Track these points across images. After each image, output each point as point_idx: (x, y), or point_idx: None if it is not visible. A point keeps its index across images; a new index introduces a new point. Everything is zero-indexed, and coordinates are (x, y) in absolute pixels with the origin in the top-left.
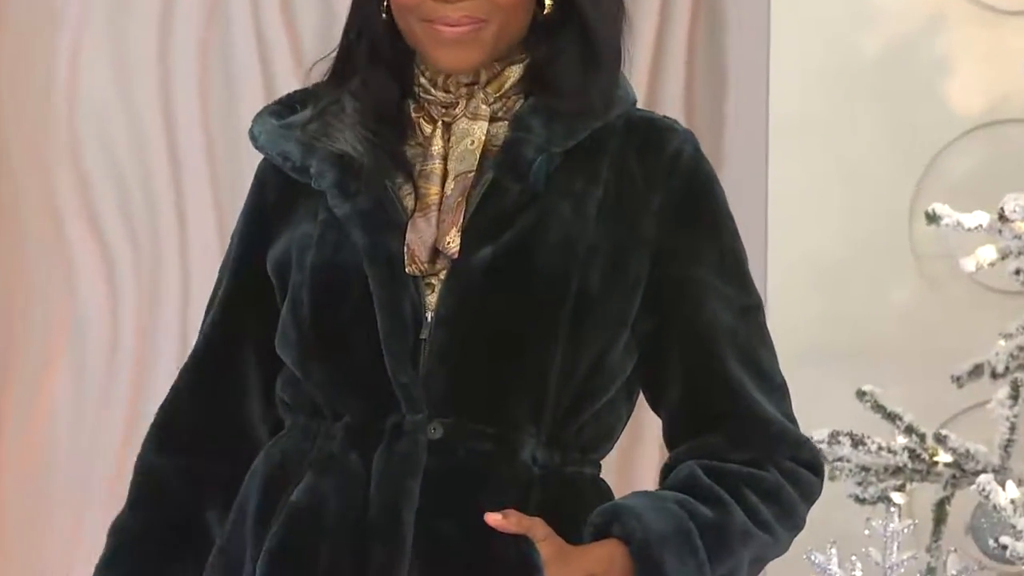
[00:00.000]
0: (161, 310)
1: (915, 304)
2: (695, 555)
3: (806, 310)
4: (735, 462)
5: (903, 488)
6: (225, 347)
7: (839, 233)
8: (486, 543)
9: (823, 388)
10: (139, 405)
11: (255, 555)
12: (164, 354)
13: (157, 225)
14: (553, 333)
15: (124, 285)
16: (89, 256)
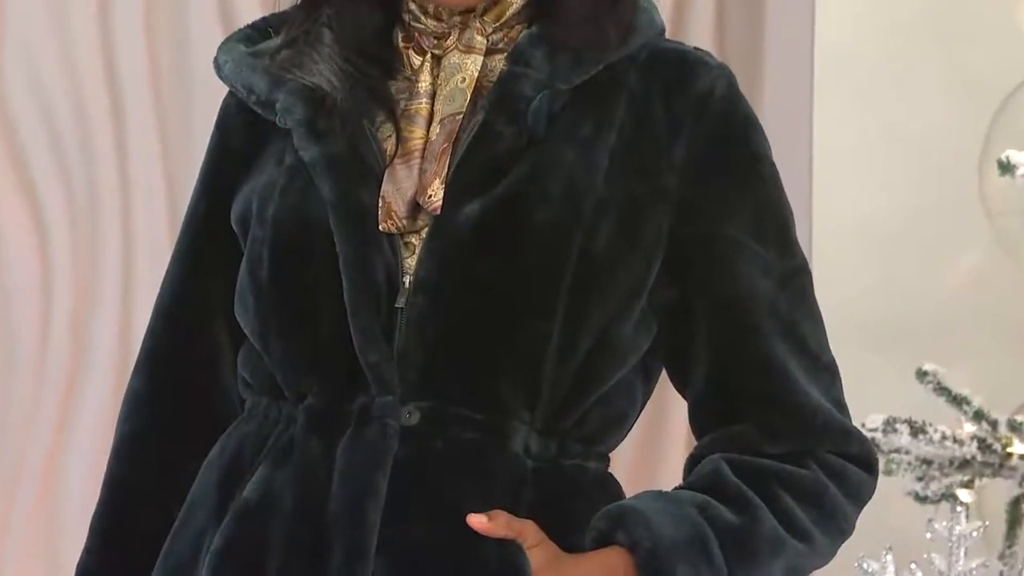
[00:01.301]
0: (100, 284)
1: (986, 269)
2: (712, 565)
3: (858, 279)
4: (769, 456)
5: (971, 484)
6: (190, 324)
7: (896, 190)
8: (466, 550)
9: (877, 368)
10: (73, 394)
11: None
12: (102, 338)
13: (96, 184)
14: (551, 303)
15: (58, 252)
16: (16, 217)
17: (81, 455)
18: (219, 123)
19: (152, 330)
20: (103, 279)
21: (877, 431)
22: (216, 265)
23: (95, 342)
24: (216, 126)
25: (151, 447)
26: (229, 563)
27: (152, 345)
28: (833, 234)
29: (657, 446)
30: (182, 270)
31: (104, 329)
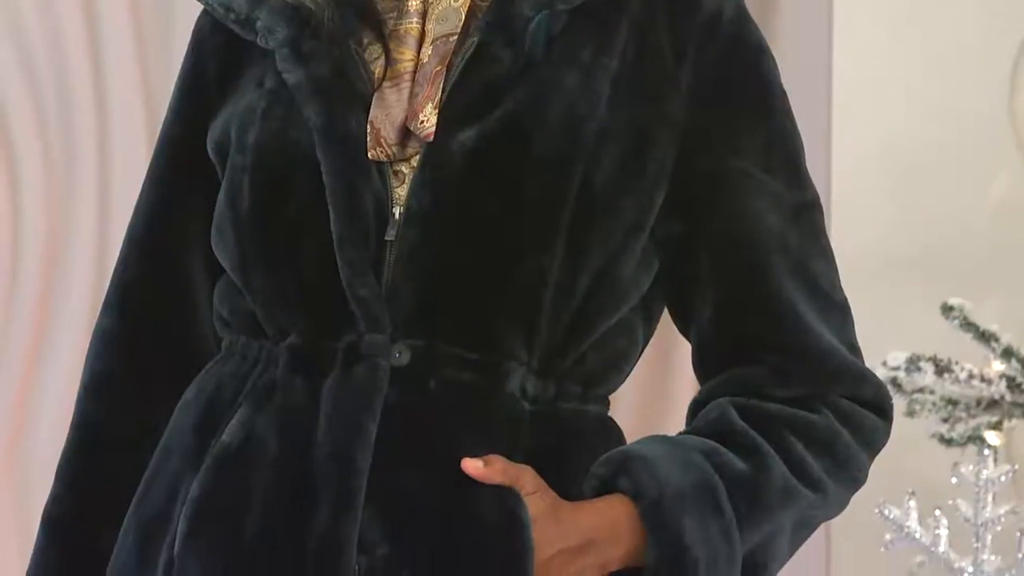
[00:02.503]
0: (75, 218)
1: (1016, 198)
2: (720, 516)
3: (879, 209)
4: (779, 401)
5: (1000, 426)
6: (163, 255)
7: (920, 115)
8: (461, 498)
9: (899, 302)
10: (45, 330)
11: (181, 509)
12: (76, 275)
13: (71, 114)
14: (550, 238)
15: (31, 188)
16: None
17: (52, 396)
18: (193, 44)
19: (124, 260)
20: (77, 210)
21: (899, 369)
22: (192, 193)
23: (67, 276)
24: (190, 48)
25: (122, 387)
26: (208, 513)
27: (124, 278)
28: (853, 161)
29: (661, 389)
30: (156, 198)
31: (78, 261)
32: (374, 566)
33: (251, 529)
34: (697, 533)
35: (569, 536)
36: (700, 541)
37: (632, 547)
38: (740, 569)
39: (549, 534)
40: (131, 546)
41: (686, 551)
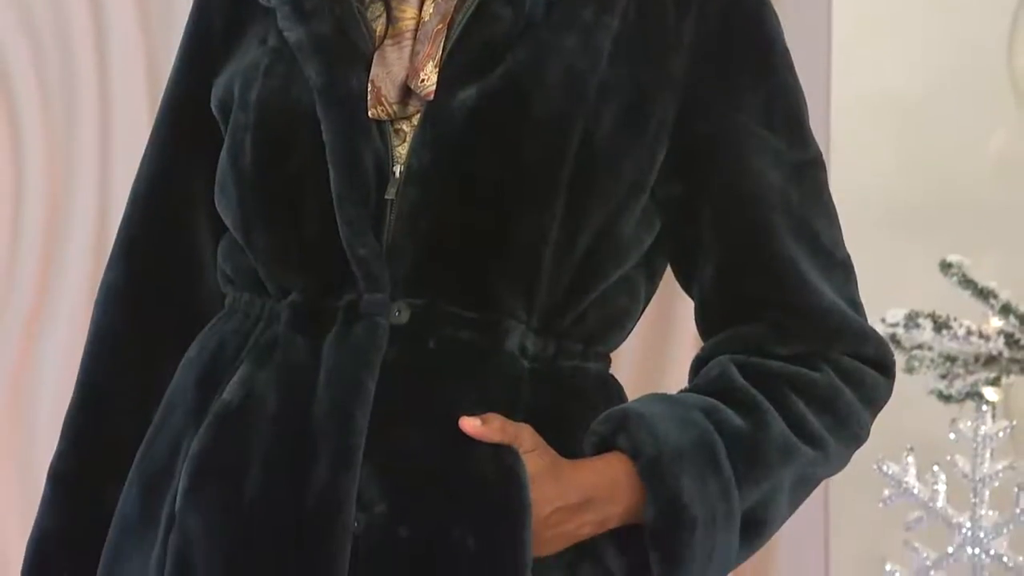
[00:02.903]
0: (77, 178)
1: (1016, 152)
2: (719, 474)
3: (878, 162)
4: (780, 358)
5: (998, 382)
6: (167, 213)
7: (919, 65)
8: (459, 456)
9: (898, 259)
10: (47, 289)
11: (183, 464)
12: (78, 227)
13: (72, 76)
14: (550, 197)
15: (31, 140)
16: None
17: (55, 350)
18: (198, 2)
19: (128, 218)
20: (79, 171)
21: (898, 326)
22: (196, 151)
23: (70, 231)
24: (195, 5)
25: (126, 344)
26: (208, 469)
27: (128, 235)
28: (851, 113)
29: (662, 346)
30: (160, 156)
31: (80, 218)
32: (372, 523)
33: (251, 486)
34: (695, 492)
35: (568, 494)
36: (698, 499)
37: (631, 505)
38: (739, 526)
39: (547, 492)
40: (134, 500)
41: (684, 509)
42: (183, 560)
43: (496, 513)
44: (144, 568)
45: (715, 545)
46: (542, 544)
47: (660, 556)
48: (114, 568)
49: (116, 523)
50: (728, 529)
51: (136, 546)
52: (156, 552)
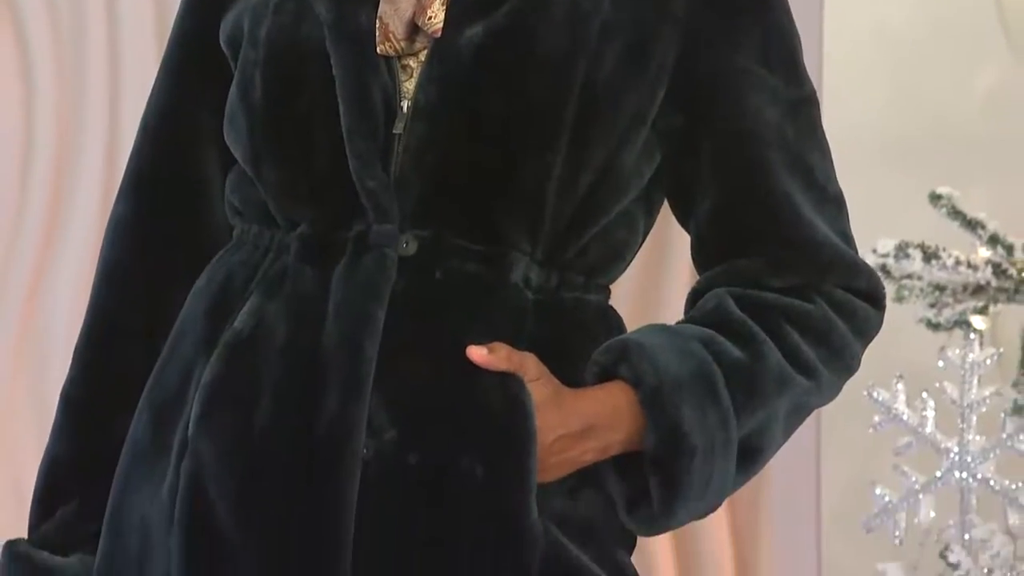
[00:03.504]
0: (86, 111)
1: (1004, 87)
2: (717, 403)
3: (870, 96)
4: (775, 291)
5: (985, 311)
6: (176, 145)
7: (911, 2)
8: (466, 384)
9: (889, 191)
10: (57, 220)
11: (195, 394)
12: (87, 161)
13: (82, 3)
14: (554, 135)
15: (41, 79)
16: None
17: (67, 279)
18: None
19: (137, 151)
20: (88, 98)
21: (888, 256)
22: (204, 85)
23: (80, 163)
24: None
25: (136, 275)
26: (220, 397)
27: (137, 167)
28: (845, 48)
29: (659, 279)
30: (169, 89)
31: (89, 150)
32: (381, 450)
33: (262, 414)
34: (695, 420)
35: (571, 422)
36: (698, 428)
37: (631, 433)
38: (736, 454)
39: (551, 420)
40: (144, 427)
41: (685, 438)
42: (196, 484)
43: (502, 441)
44: (154, 495)
45: (713, 472)
46: (546, 470)
47: (660, 482)
48: (124, 494)
49: (127, 450)
50: (726, 457)
51: (147, 473)
52: (169, 478)
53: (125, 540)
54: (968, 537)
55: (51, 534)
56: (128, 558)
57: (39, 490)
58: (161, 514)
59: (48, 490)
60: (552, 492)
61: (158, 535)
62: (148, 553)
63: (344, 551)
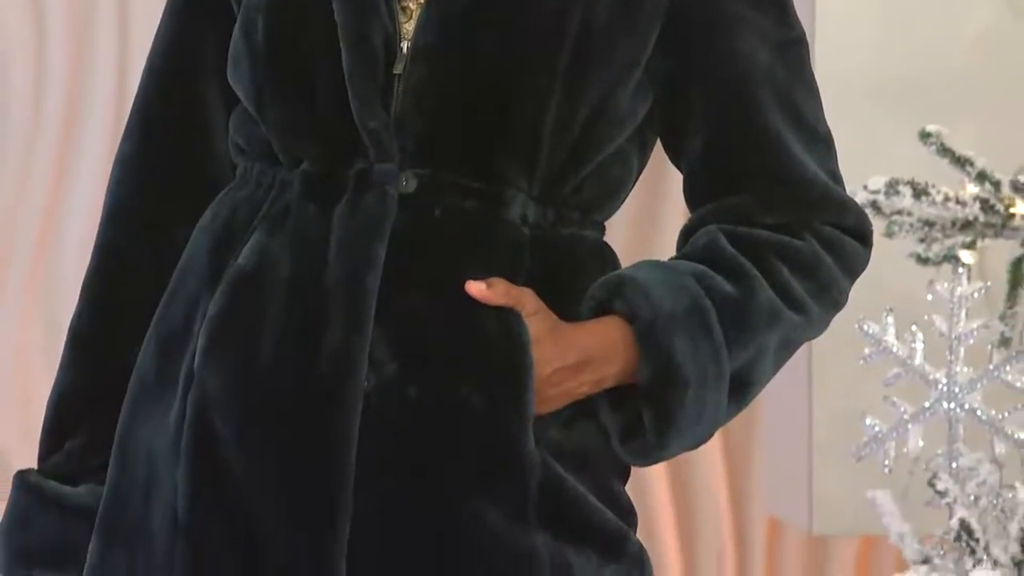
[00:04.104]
0: (96, 48)
1: (993, 27)
2: (710, 337)
3: (860, 34)
4: (765, 228)
5: (973, 245)
6: (181, 84)
7: None
8: (465, 318)
9: (879, 129)
10: (65, 168)
11: (200, 328)
12: (96, 105)
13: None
14: (551, 73)
15: (52, 17)
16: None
17: (77, 217)
18: None
19: (143, 89)
20: (99, 37)
21: (879, 193)
22: (209, 25)
23: (90, 98)
24: None
25: (142, 212)
26: (225, 331)
27: (143, 105)
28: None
29: (653, 215)
30: (174, 29)
31: (99, 85)
32: (383, 383)
33: (266, 348)
34: (688, 353)
35: (567, 355)
36: (691, 361)
37: (626, 365)
38: (728, 387)
39: (548, 353)
40: (151, 360)
41: (677, 370)
42: (202, 415)
43: (500, 373)
44: (160, 427)
45: (705, 404)
46: (543, 402)
47: (653, 414)
48: (131, 425)
49: (133, 382)
50: (718, 389)
51: (153, 405)
52: (175, 409)
53: (132, 470)
54: (955, 465)
55: (60, 465)
56: (135, 487)
57: (48, 422)
58: (167, 444)
59: (57, 422)
60: (548, 423)
61: (164, 465)
62: (155, 482)
63: (346, 481)
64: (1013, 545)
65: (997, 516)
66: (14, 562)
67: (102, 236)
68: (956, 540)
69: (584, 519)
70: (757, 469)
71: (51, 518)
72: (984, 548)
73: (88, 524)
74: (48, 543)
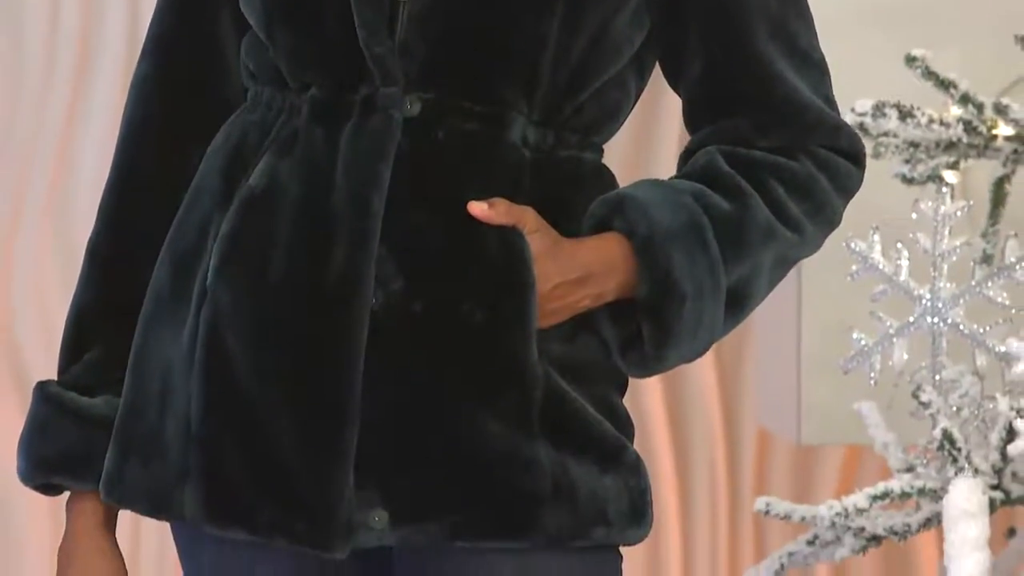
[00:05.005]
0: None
1: None
2: (707, 252)
3: None
4: (762, 149)
5: (957, 166)
6: (195, 10)
7: None
8: (468, 237)
9: (866, 54)
10: (84, 77)
11: (213, 246)
12: (112, 22)
13: None
14: (549, 5)
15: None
16: None
17: (92, 138)
18: None
19: (159, 12)
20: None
21: (866, 115)
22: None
23: (105, 26)
24: None
25: (157, 133)
26: (237, 250)
27: (158, 31)
28: None
29: (651, 140)
30: None
31: (113, 10)
32: (389, 299)
33: (276, 266)
34: (685, 268)
35: (568, 270)
36: (688, 275)
37: (625, 280)
38: (724, 301)
39: (549, 269)
40: (165, 276)
41: (675, 284)
42: (215, 331)
43: (502, 288)
44: (175, 340)
45: (702, 317)
46: (545, 316)
47: (652, 327)
48: (147, 339)
49: (148, 298)
50: (714, 302)
51: (168, 320)
52: (189, 325)
53: (147, 382)
54: (939, 378)
55: (79, 376)
56: (150, 398)
57: (67, 337)
58: (181, 358)
59: (75, 336)
60: (550, 337)
61: (179, 377)
62: (169, 394)
63: (353, 393)
64: (993, 453)
65: (978, 426)
66: (34, 469)
67: (118, 156)
68: (939, 449)
69: (584, 430)
70: (748, 382)
71: (69, 427)
72: (966, 457)
73: (104, 433)
74: (66, 451)
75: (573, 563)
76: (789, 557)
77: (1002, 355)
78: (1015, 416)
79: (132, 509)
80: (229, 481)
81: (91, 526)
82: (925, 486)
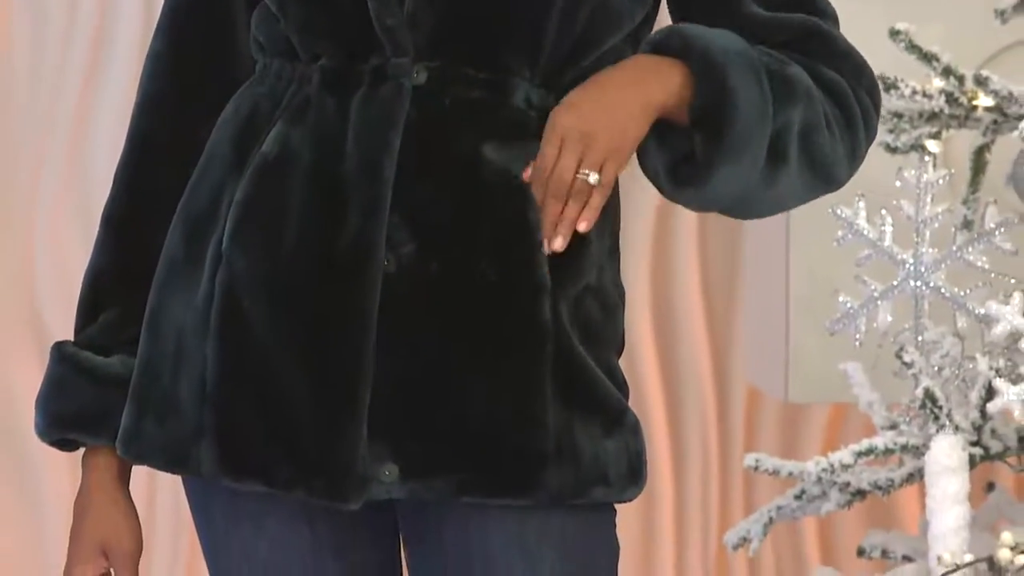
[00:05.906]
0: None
1: None
2: (759, 83)
3: None
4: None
5: (939, 135)
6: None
7: None
8: (475, 199)
9: (852, 27)
10: (100, 52)
11: (226, 212)
12: (127, 5)
13: None
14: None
15: None
16: None
17: (110, 104)
18: None
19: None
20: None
21: None
22: None
23: (121, 3)
24: None
25: (171, 105)
26: (252, 215)
27: (171, 5)
28: None
29: None
30: None
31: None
32: (401, 262)
33: (289, 232)
34: (740, 82)
35: (589, 88)
36: (743, 90)
37: (676, 85)
38: (768, 140)
39: (571, 97)
40: (179, 241)
41: (731, 92)
42: (230, 294)
43: (512, 248)
44: (189, 303)
45: (750, 141)
46: (589, 103)
47: (704, 137)
48: (161, 302)
49: (162, 262)
50: (761, 133)
51: (182, 283)
52: (203, 287)
53: (162, 343)
54: (921, 339)
55: (94, 336)
56: (164, 359)
57: (83, 299)
58: (196, 321)
59: (91, 298)
60: (559, 298)
61: (193, 340)
62: (183, 355)
63: (366, 352)
64: (973, 412)
65: (959, 385)
66: (50, 425)
67: (134, 126)
68: (921, 407)
69: (591, 390)
70: (738, 342)
71: (84, 385)
72: (947, 414)
73: (120, 392)
74: (81, 408)
75: (570, 519)
76: (777, 511)
77: (982, 317)
78: (994, 375)
79: (149, 464)
80: (245, 438)
81: (105, 480)
82: (908, 443)
